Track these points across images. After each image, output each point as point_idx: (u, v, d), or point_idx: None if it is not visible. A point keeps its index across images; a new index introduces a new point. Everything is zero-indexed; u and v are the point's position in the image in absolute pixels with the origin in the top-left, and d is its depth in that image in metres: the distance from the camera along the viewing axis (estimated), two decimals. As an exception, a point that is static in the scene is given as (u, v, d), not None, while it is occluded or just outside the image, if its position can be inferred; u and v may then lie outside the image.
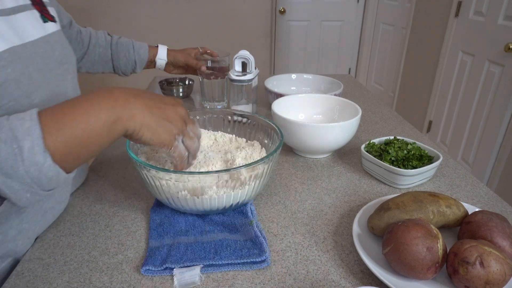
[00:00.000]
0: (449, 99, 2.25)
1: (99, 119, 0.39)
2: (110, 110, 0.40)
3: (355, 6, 3.09)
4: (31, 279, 0.47)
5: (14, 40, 0.44)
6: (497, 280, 0.40)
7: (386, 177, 0.67)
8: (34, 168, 0.35)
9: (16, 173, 0.35)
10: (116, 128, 0.41)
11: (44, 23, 0.52)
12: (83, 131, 0.39)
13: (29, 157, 0.35)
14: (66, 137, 0.38)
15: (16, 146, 0.34)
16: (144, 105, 0.44)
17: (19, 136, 0.35)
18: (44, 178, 0.37)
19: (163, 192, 0.53)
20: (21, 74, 0.43)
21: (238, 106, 0.96)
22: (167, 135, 0.45)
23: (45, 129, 0.36)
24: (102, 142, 0.41)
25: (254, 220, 0.55)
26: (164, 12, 2.88)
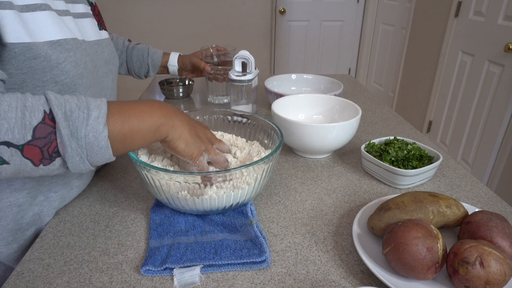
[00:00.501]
0: (449, 99, 2.25)
1: (151, 119, 0.48)
2: (161, 116, 0.50)
3: (355, 6, 3.09)
4: (31, 279, 0.47)
5: (78, 35, 0.55)
6: (497, 280, 0.40)
7: (386, 177, 0.67)
8: (93, 134, 0.43)
9: (79, 133, 0.42)
10: (160, 131, 0.49)
11: (100, 30, 0.64)
12: (137, 124, 0.47)
13: (92, 123, 0.43)
14: (123, 123, 0.46)
15: (86, 112, 0.43)
16: (185, 122, 0.53)
17: (91, 107, 0.43)
18: (96, 146, 0.43)
19: (163, 192, 0.53)
20: (79, 59, 0.53)
21: (238, 106, 0.96)
22: (196, 149, 0.54)
23: (110, 110, 0.45)
24: (146, 139, 0.49)
25: (254, 220, 0.55)
26: (164, 12, 2.88)
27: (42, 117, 0.40)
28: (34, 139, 0.40)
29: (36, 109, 0.40)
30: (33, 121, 0.40)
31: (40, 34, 0.47)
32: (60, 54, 0.49)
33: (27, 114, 0.39)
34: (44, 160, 0.42)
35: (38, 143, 0.40)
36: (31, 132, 0.40)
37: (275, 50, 3.14)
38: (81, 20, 0.59)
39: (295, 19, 3.04)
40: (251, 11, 2.97)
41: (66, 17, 0.54)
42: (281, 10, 2.96)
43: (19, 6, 0.45)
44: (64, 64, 0.50)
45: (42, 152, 0.41)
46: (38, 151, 0.41)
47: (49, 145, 0.41)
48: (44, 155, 0.42)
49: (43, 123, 0.40)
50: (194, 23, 2.95)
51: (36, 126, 0.40)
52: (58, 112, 0.41)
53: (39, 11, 0.47)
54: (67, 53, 0.50)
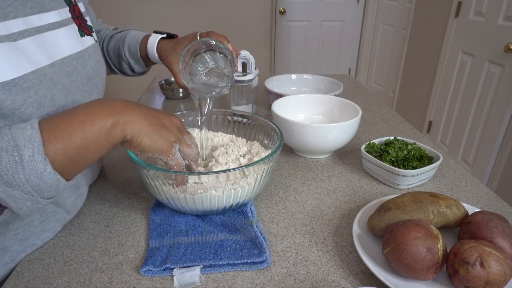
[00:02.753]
0: (449, 100, 2.25)
1: (96, 124, 0.40)
2: (108, 116, 0.41)
3: (355, 6, 3.09)
4: (31, 279, 0.47)
5: (42, 60, 0.44)
6: (497, 281, 0.40)
7: (386, 178, 0.67)
8: (35, 176, 0.36)
9: (17, 181, 0.35)
10: (114, 133, 0.42)
11: (81, 37, 0.54)
12: (81, 137, 0.39)
13: (29, 164, 0.36)
14: (65, 143, 0.38)
15: (17, 154, 0.35)
16: (141, 113, 0.45)
17: (20, 144, 0.36)
18: (44, 185, 0.37)
19: (162, 192, 0.53)
20: (43, 96, 0.43)
21: (238, 106, 0.96)
22: (165, 142, 0.46)
23: (45, 136, 0.37)
24: (100, 148, 0.41)
25: (254, 220, 0.55)
26: (164, 12, 2.88)
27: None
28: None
29: None
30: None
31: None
32: (17, 96, 0.39)
33: None
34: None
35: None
36: None
37: (275, 50, 3.14)
38: (50, 33, 0.47)
39: (295, 19, 3.04)
40: (251, 11, 2.97)
41: (23, 40, 0.42)
42: (281, 10, 2.96)
43: None
44: (23, 108, 0.40)
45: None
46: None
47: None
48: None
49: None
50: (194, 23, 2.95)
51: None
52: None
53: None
54: (26, 93, 0.40)
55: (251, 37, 3.06)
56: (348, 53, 3.29)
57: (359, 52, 3.32)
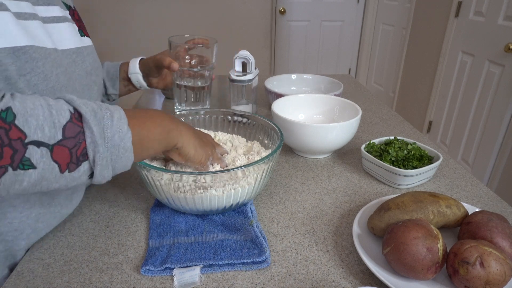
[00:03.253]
0: (449, 99, 2.25)
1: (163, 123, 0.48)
2: (169, 122, 0.49)
3: (355, 6, 3.10)
4: (31, 279, 0.47)
5: (48, 43, 0.48)
6: (497, 281, 0.40)
7: (386, 177, 0.67)
8: (118, 135, 0.41)
9: (105, 134, 0.40)
10: (171, 136, 0.49)
11: (82, 37, 0.58)
12: (152, 127, 0.46)
13: (117, 123, 0.41)
14: (140, 126, 0.45)
15: (109, 113, 0.41)
16: (189, 128, 0.53)
17: (111, 108, 0.42)
18: (122, 148, 0.41)
19: (162, 192, 0.53)
20: (49, 71, 0.46)
21: (238, 106, 0.96)
22: (204, 155, 0.54)
23: (127, 113, 0.43)
24: (160, 144, 0.48)
25: (254, 220, 0.55)
26: (164, 12, 2.88)
27: (70, 116, 0.38)
28: (64, 138, 0.37)
29: (61, 108, 0.38)
30: (61, 119, 0.37)
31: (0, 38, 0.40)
32: (25, 64, 0.43)
33: (54, 112, 0.37)
34: (71, 164, 0.38)
35: (68, 143, 0.38)
36: (61, 130, 0.37)
37: (275, 50, 3.14)
38: (54, 25, 0.51)
39: (295, 19, 3.04)
40: (251, 11, 2.97)
41: (33, 21, 0.46)
42: (281, 10, 2.96)
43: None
44: (30, 75, 0.43)
45: (71, 154, 0.38)
46: (67, 153, 0.38)
47: (78, 146, 0.38)
48: (72, 158, 0.38)
49: (71, 122, 0.38)
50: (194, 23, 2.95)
51: (65, 125, 0.37)
52: (87, 110, 0.39)
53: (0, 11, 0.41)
54: (34, 62, 0.44)
55: (251, 37, 3.06)
56: (348, 53, 3.29)
57: (359, 52, 3.32)
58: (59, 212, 0.53)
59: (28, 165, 0.35)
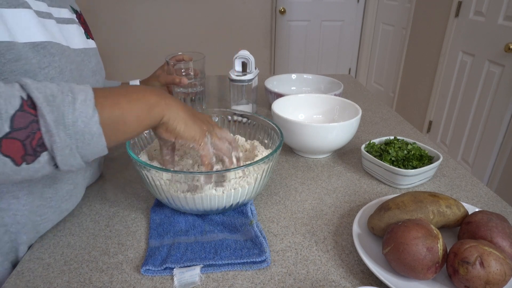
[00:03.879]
0: (449, 99, 2.25)
1: (143, 98, 0.44)
2: (152, 94, 0.45)
3: (355, 6, 3.09)
4: (31, 278, 0.47)
5: (62, 40, 0.50)
6: (497, 280, 0.40)
7: (386, 177, 0.67)
8: (82, 120, 0.37)
9: (66, 120, 0.36)
10: (155, 111, 0.45)
11: (87, 39, 0.60)
12: (128, 105, 0.42)
13: (80, 107, 0.37)
14: (112, 105, 0.41)
15: (71, 95, 0.37)
16: (179, 102, 0.49)
17: (75, 90, 0.38)
18: (88, 134, 0.38)
19: (162, 192, 0.53)
20: (64, 66, 0.48)
21: (238, 106, 0.96)
22: (198, 130, 0.49)
23: (96, 92, 0.40)
24: (140, 122, 0.44)
25: (254, 220, 0.55)
26: (164, 12, 2.88)
27: (20, 104, 0.34)
28: (13, 130, 0.34)
29: (11, 95, 0.34)
30: (9, 109, 0.34)
31: (22, 33, 0.42)
32: (44, 58, 0.44)
33: (1, 101, 0.33)
34: (27, 156, 0.35)
35: (19, 135, 0.34)
36: (8, 122, 0.34)
37: (275, 50, 3.14)
38: (65, 26, 0.54)
39: (295, 19, 3.04)
40: (251, 11, 2.97)
41: (49, 20, 0.49)
42: (281, 10, 2.96)
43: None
44: (48, 69, 0.45)
45: (24, 146, 0.35)
46: (19, 145, 0.35)
47: (32, 136, 0.35)
48: (27, 150, 0.35)
49: (22, 111, 0.34)
50: (194, 23, 2.95)
51: (13, 115, 0.34)
52: (39, 96, 0.35)
53: (21, 8, 0.42)
54: (52, 57, 0.46)
55: (251, 37, 3.06)
56: (348, 53, 3.29)
57: (359, 52, 3.32)
58: (59, 207, 0.54)
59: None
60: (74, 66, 0.51)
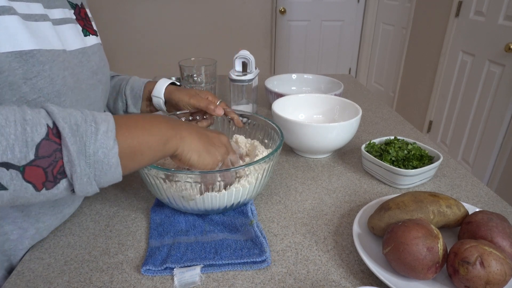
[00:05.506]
0: (450, 99, 2.25)
1: (160, 131, 0.45)
2: (168, 128, 0.46)
3: (355, 6, 3.09)
4: (31, 278, 0.47)
5: (56, 44, 0.47)
6: (497, 280, 0.40)
7: (386, 177, 0.67)
8: (102, 151, 0.38)
9: (87, 150, 0.37)
10: (170, 144, 0.46)
11: (85, 36, 0.57)
12: (146, 138, 0.43)
13: (102, 138, 0.38)
14: (132, 136, 0.42)
15: (94, 126, 0.38)
16: (193, 131, 0.50)
17: (98, 120, 0.39)
18: (106, 165, 0.39)
19: (163, 192, 0.53)
20: (56, 74, 0.46)
21: (238, 106, 0.96)
22: (211, 160, 0.50)
23: (117, 123, 0.40)
24: (156, 155, 0.45)
25: (255, 220, 0.55)
26: (164, 12, 2.88)
27: (46, 133, 0.35)
28: (37, 158, 0.34)
29: (38, 123, 0.35)
30: (35, 137, 0.34)
31: (5, 42, 0.40)
32: (32, 68, 0.42)
33: (28, 129, 0.34)
34: (47, 183, 0.36)
35: (42, 163, 0.35)
36: (34, 150, 0.34)
37: (275, 50, 3.14)
38: (61, 27, 0.51)
39: (295, 19, 3.04)
40: (251, 11, 2.97)
41: (43, 22, 0.46)
42: (281, 10, 2.96)
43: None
44: (36, 79, 0.43)
45: (46, 174, 0.35)
46: (41, 173, 0.35)
47: (54, 165, 0.36)
48: (48, 177, 0.36)
49: (47, 139, 0.35)
50: (194, 23, 2.95)
51: (39, 143, 0.34)
52: (65, 126, 0.36)
53: (5, 15, 0.40)
54: (41, 66, 0.43)
55: (251, 37, 3.06)
56: (348, 52, 3.29)
57: (359, 51, 3.32)
58: (62, 212, 0.54)
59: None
60: (68, 72, 0.49)
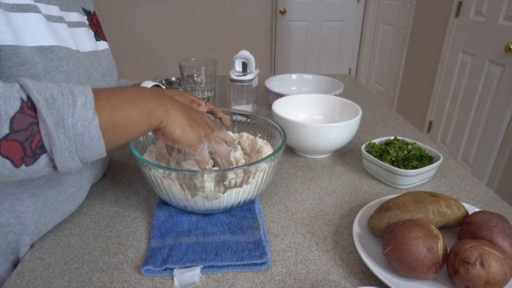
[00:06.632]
0: (450, 99, 2.25)
1: (143, 103, 0.44)
2: (152, 99, 0.45)
3: (356, 6, 3.09)
4: (31, 278, 0.47)
5: (72, 44, 0.50)
6: (497, 280, 0.40)
7: (386, 177, 0.67)
8: (81, 123, 0.37)
9: (65, 123, 0.36)
10: (154, 116, 0.45)
11: (97, 41, 0.60)
12: (128, 110, 0.42)
13: (80, 110, 0.37)
14: (113, 109, 0.41)
15: (71, 98, 0.37)
16: (177, 105, 0.49)
17: (76, 93, 0.38)
18: (87, 137, 0.38)
19: (169, 191, 0.53)
20: (72, 70, 0.48)
21: (239, 106, 0.97)
22: (194, 136, 0.49)
23: (97, 95, 0.40)
24: (140, 127, 0.44)
25: (261, 220, 0.55)
26: (164, 12, 2.88)
27: (20, 106, 0.34)
28: (12, 132, 0.34)
29: (11, 97, 0.34)
30: (9, 111, 0.33)
31: (29, 38, 0.42)
32: (51, 62, 0.44)
33: (1, 103, 0.33)
34: (26, 158, 0.36)
35: (18, 137, 0.34)
36: (8, 123, 0.33)
37: (276, 50, 3.14)
38: (76, 29, 0.54)
39: (295, 19, 3.04)
40: (251, 11, 2.97)
41: (60, 24, 0.49)
42: (281, 10, 2.96)
43: (6, 5, 0.40)
44: (54, 73, 0.45)
45: (23, 148, 0.35)
46: (18, 147, 0.35)
47: (32, 138, 0.35)
48: (27, 152, 0.35)
49: (22, 113, 0.34)
50: (194, 23, 2.95)
51: (13, 117, 0.34)
52: (40, 99, 0.35)
53: (31, 12, 0.43)
54: (59, 61, 0.46)
55: (251, 37, 3.06)
56: (348, 53, 3.29)
57: (359, 52, 3.32)
58: (62, 209, 0.54)
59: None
60: (82, 70, 0.51)
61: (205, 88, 0.98)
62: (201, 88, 0.97)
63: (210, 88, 0.99)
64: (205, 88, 0.98)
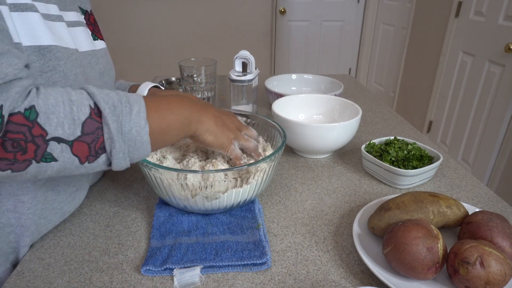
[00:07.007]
0: (450, 99, 2.25)
1: (183, 113, 0.50)
2: (191, 110, 0.51)
3: (356, 6, 3.09)
4: (31, 278, 0.47)
5: (71, 44, 0.51)
6: (497, 280, 0.40)
7: (386, 177, 0.67)
8: (136, 129, 0.42)
9: (123, 128, 0.42)
10: (189, 127, 0.51)
11: (94, 40, 0.61)
12: (172, 118, 0.48)
13: (135, 118, 0.42)
14: (160, 117, 0.46)
15: (128, 106, 0.42)
16: (211, 114, 0.54)
17: (131, 101, 0.43)
18: (139, 142, 0.43)
19: (170, 191, 0.53)
20: (69, 70, 0.49)
21: (239, 106, 0.96)
22: (225, 139, 0.55)
23: (147, 104, 0.45)
24: (179, 134, 0.50)
25: (261, 221, 0.55)
26: (164, 12, 2.88)
27: (89, 112, 0.40)
28: (83, 134, 0.40)
29: (82, 104, 0.40)
30: (81, 116, 0.39)
31: (27, 37, 0.43)
32: (49, 62, 0.45)
33: (75, 109, 0.39)
34: (90, 157, 0.41)
35: (87, 139, 0.40)
36: (80, 127, 0.39)
37: (276, 50, 3.14)
38: (74, 28, 0.55)
39: (295, 19, 3.04)
40: (251, 11, 2.97)
41: (60, 23, 0.50)
42: (281, 10, 2.96)
43: (7, 4, 0.41)
44: (51, 73, 0.46)
45: (89, 149, 0.41)
46: (86, 148, 0.40)
47: (96, 141, 0.41)
48: (91, 152, 0.41)
49: (91, 118, 0.40)
50: (195, 23, 2.95)
51: (84, 121, 0.39)
52: (105, 107, 0.40)
53: (28, 11, 0.43)
54: (57, 61, 0.47)
55: (251, 37, 3.06)
56: (348, 53, 3.29)
57: (359, 52, 3.32)
58: (62, 209, 0.54)
59: (50, 158, 0.39)
60: (80, 70, 0.52)
61: (205, 88, 0.98)
62: (201, 88, 0.97)
63: (210, 88, 0.99)
64: (205, 88, 0.98)
